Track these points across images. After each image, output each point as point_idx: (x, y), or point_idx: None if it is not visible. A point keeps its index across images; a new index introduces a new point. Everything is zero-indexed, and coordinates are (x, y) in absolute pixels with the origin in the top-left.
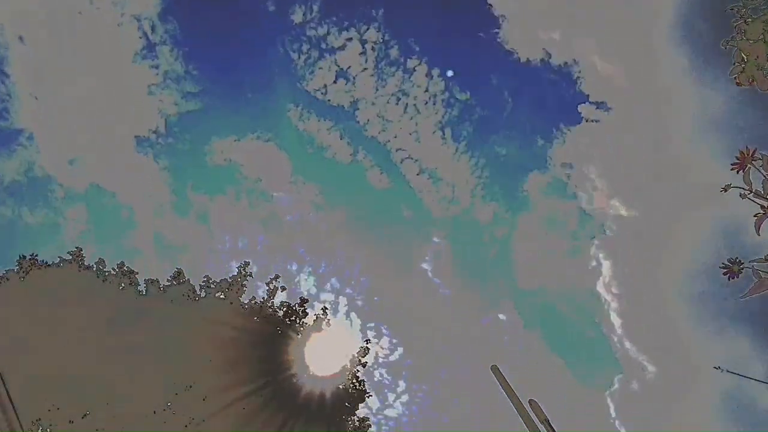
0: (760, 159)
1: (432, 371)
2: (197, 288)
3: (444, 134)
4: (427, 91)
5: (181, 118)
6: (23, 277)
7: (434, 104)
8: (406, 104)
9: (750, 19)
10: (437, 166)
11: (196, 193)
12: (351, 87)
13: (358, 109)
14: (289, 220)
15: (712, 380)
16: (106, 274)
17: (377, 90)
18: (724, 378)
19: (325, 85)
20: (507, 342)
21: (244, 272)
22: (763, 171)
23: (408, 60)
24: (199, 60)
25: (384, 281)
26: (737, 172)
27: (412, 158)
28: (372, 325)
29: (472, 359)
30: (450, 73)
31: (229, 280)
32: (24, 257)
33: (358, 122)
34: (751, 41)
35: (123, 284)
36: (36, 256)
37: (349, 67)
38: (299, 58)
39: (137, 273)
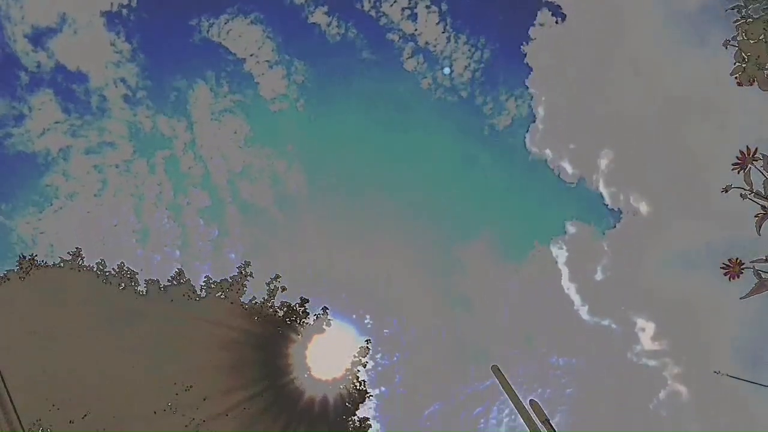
0: (760, 159)
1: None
2: (197, 288)
3: (441, 10)
4: None
5: None
6: (23, 277)
7: None
8: None
9: (751, 19)
10: (433, 46)
11: (172, 77)
12: None
13: None
14: (273, 108)
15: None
16: (107, 274)
17: None
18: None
19: None
20: None
21: (244, 272)
22: (763, 171)
23: None
24: None
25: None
26: (738, 172)
27: (405, 37)
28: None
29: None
30: (447, 71)
31: (229, 280)
32: (24, 257)
33: None
34: (752, 41)
35: (123, 284)
36: (35, 256)
37: None
38: None
39: (137, 273)
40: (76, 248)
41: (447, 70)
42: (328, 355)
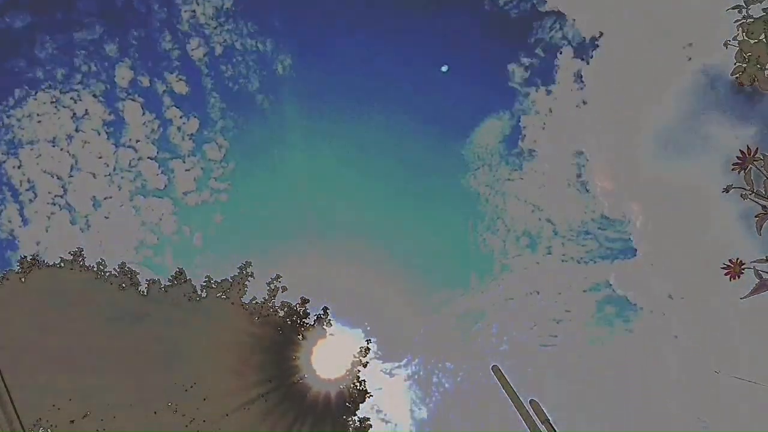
0: (761, 159)
1: None
2: (198, 288)
3: None
4: None
5: None
6: (23, 278)
7: None
8: None
9: (751, 19)
10: None
11: None
12: None
13: None
14: None
15: None
16: (107, 274)
17: None
18: None
19: None
20: None
21: (245, 272)
22: (764, 171)
23: None
24: None
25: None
26: (738, 172)
27: None
28: None
29: None
30: (445, 68)
31: (230, 280)
32: (25, 257)
33: None
34: (752, 41)
35: (124, 284)
36: (37, 256)
37: None
38: None
39: (138, 273)
40: (77, 248)
41: (445, 68)
42: (328, 356)
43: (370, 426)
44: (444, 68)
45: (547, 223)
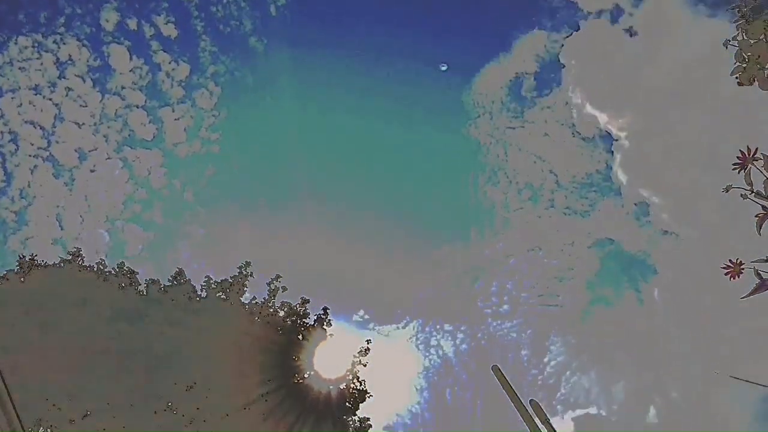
0: (761, 159)
1: None
2: (198, 288)
3: None
4: None
5: None
6: (23, 278)
7: None
8: None
9: (751, 19)
10: None
11: None
12: None
13: None
14: None
15: None
16: (107, 274)
17: None
18: None
19: None
20: None
21: (245, 272)
22: (764, 171)
23: None
24: None
25: None
26: (738, 172)
27: None
28: None
29: None
30: (444, 67)
31: (230, 280)
32: (24, 257)
33: None
34: (752, 41)
35: (123, 284)
36: (36, 256)
37: None
38: None
39: (137, 273)
40: (76, 248)
41: (444, 67)
42: (328, 356)
43: (370, 426)
44: (443, 67)
45: (550, 174)
